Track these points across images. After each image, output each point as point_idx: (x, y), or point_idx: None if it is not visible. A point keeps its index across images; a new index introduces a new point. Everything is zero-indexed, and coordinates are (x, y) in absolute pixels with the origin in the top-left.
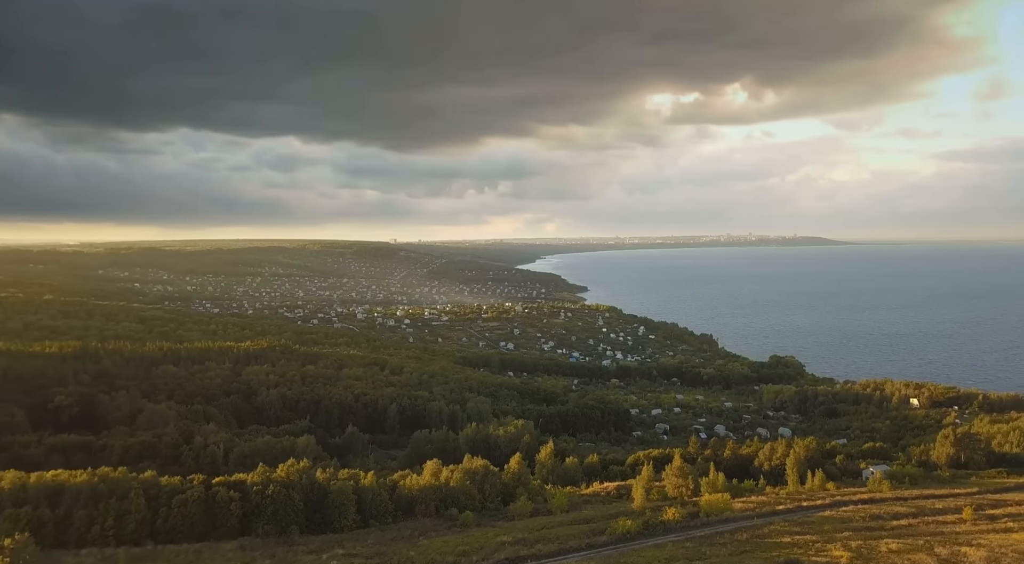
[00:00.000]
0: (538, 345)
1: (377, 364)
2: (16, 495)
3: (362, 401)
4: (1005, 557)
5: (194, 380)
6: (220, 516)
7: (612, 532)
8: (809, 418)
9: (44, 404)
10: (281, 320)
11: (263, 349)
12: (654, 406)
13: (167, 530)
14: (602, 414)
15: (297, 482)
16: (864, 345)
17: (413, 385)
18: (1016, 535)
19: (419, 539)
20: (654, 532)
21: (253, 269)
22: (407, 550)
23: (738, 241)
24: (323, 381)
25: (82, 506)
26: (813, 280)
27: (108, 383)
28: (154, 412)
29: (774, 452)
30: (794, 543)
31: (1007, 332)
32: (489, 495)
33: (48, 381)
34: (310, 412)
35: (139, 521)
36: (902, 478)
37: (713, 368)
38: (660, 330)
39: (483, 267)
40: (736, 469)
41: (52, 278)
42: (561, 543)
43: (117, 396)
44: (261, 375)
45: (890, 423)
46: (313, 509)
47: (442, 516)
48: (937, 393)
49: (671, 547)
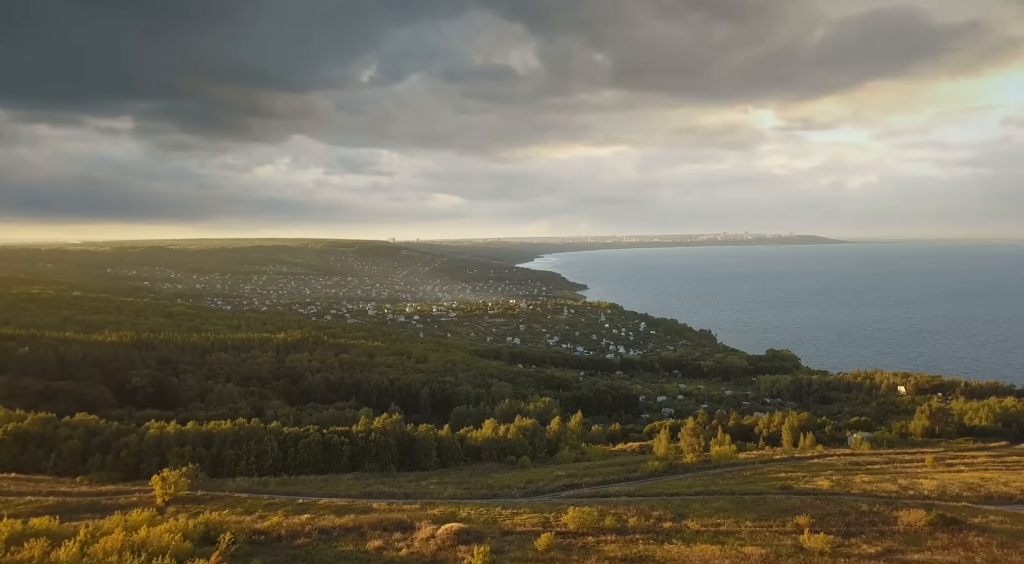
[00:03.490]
0: (543, 340)
1: (402, 354)
2: (179, 438)
3: (396, 385)
4: (952, 486)
5: (246, 366)
6: (334, 456)
7: (643, 470)
8: (803, 404)
9: (122, 385)
10: (297, 316)
11: (299, 340)
12: (659, 394)
13: (295, 465)
14: (613, 399)
15: (392, 431)
16: (859, 340)
17: (439, 372)
18: (964, 474)
19: (490, 474)
20: (676, 471)
21: (258, 267)
22: (484, 480)
23: (734, 239)
24: (359, 368)
25: (229, 447)
26: (809, 278)
27: (171, 368)
28: (223, 391)
29: (772, 421)
30: (788, 477)
31: (998, 326)
32: (538, 446)
33: (121, 365)
34: (351, 394)
35: (274, 458)
36: (881, 442)
37: (713, 361)
38: (660, 326)
39: (484, 265)
40: (739, 435)
41: (65, 276)
42: (604, 476)
43: (185, 378)
44: (303, 362)
45: (877, 406)
46: (404, 453)
47: (503, 461)
48: (923, 381)
49: (691, 479)
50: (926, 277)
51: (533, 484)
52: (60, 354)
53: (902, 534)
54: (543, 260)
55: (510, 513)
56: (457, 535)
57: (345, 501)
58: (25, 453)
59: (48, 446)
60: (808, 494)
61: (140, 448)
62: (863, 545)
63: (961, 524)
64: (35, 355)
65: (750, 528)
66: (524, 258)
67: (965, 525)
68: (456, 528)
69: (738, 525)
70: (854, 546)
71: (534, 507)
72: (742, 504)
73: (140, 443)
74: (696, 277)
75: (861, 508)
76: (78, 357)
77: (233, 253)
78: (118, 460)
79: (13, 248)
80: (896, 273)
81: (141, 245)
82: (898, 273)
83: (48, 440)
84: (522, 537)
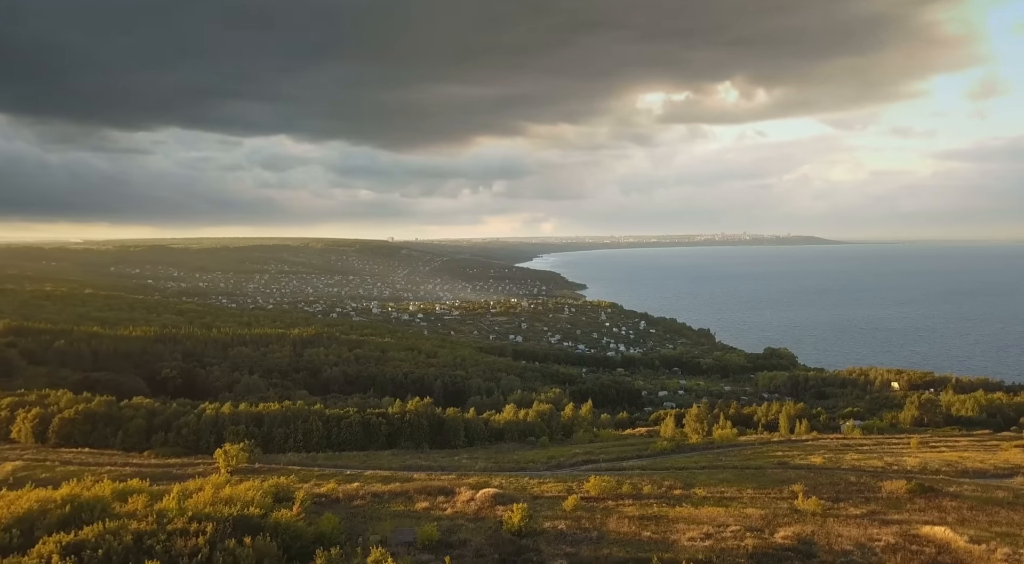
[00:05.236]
0: (545, 338)
1: (412, 349)
2: (233, 418)
3: (410, 378)
4: (932, 463)
5: (267, 359)
6: (373, 434)
7: (653, 449)
8: (800, 399)
9: (153, 376)
10: (304, 314)
11: (313, 335)
12: (660, 389)
13: (338, 443)
14: (617, 392)
15: (424, 413)
16: (856, 339)
17: (449, 366)
18: (945, 454)
19: (514, 452)
20: (683, 450)
21: (260, 266)
22: (510, 456)
23: (732, 240)
24: (373, 362)
25: (278, 426)
26: (807, 278)
27: (197, 360)
28: (250, 381)
29: (770, 410)
30: (784, 455)
31: (994, 325)
32: (555, 429)
33: (150, 358)
34: (368, 387)
35: (319, 436)
36: (871, 429)
37: (712, 359)
38: (660, 325)
39: (483, 265)
40: (739, 422)
41: (71, 274)
42: (618, 454)
43: (212, 370)
44: (320, 356)
45: (870, 400)
46: (435, 432)
47: (523, 441)
48: (915, 377)
49: (697, 456)
50: (923, 277)
51: (555, 459)
52: (93, 347)
53: (885, 500)
54: (542, 260)
55: (537, 482)
56: (494, 498)
57: (388, 472)
58: (94, 431)
59: (115, 425)
60: (802, 469)
61: (199, 427)
62: (850, 508)
63: (937, 492)
64: (71, 348)
65: (751, 495)
66: (523, 258)
67: (941, 493)
68: (492, 492)
69: (740, 493)
70: (842, 509)
71: (557, 478)
72: (743, 476)
73: (198, 422)
74: (695, 277)
75: (850, 479)
76: (110, 350)
77: (235, 252)
78: (179, 437)
79: (17, 246)
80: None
81: (142, 244)
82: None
83: (115, 419)
84: (550, 501)
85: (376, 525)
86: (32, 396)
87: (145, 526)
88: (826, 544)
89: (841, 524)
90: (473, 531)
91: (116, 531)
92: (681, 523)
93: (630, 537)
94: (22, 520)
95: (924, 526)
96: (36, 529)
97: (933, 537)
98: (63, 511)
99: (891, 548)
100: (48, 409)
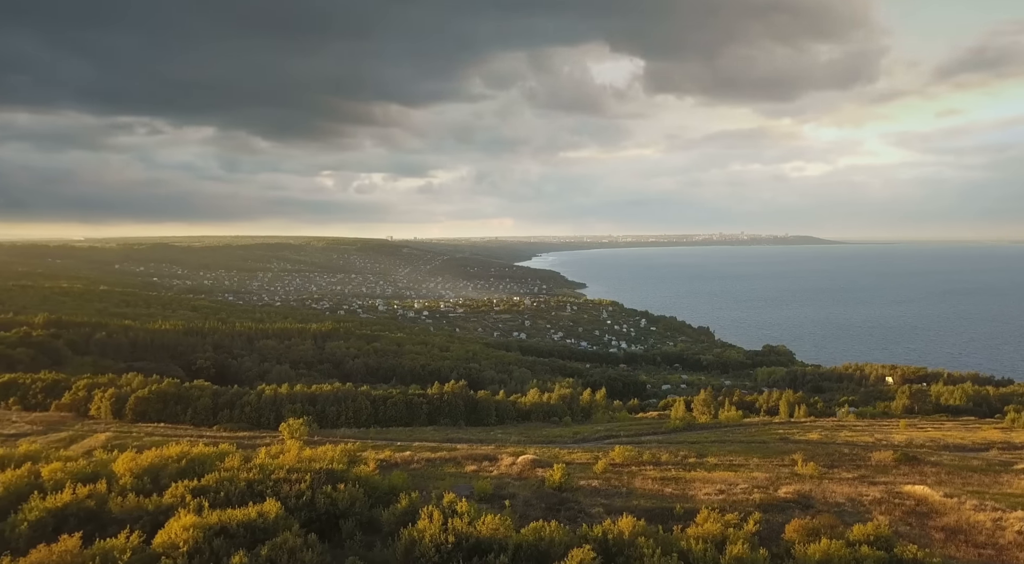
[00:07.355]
0: (548, 335)
1: (425, 344)
2: (290, 398)
3: (427, 370)
4: (918, 439)
5: (291, 352)
6: (415, 412)
7: (666, 427)
8: (798, 392)
9: (188, 366)
10: (311, 311)
11: (331, 330)
12: (663, 383)
13: (384, 420)
14: (623, 385)
15: (460, 394)
16: (853, 336)
17: (463, 359)
18: (930, 431)
19: (541, 428)
20: (693, 429)
21: (263, 265)
22: (539, 432)
23: (730, 239)
24: (391, 355)
25: (331, 405)
26: (806, 277)
27: (227, 352)
28: (281, 371)
29: (771, 397)
30: (785, 433)
31: (989, 324)
32: (575, 411)
33: (184, 349)
34: (389, 378)
35: (368, 414)
36: (864, 414)
37: (712, 355)
38: (660, 323)
39: (484, 263)
40: (742, 408)
41: (78, 271)
42: (636, 431)
43: (243, 361)
44: (342, 349)
45: (865, 393)
46: (470, 411)
47: (548, 420)
48: (909, 372)
49: (706, 433)
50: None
51: (579, 434)
52: (131, 339)
53: (873, 466)
54: (541, 259)
55: (567, 452)
56: (532, 462)
57: (434, 443)
58: (166, 409)
59: (184, 403)
60: (802, 443)
61: (259, 405)
62: (843, 473)
63: (920, 461)
64: (110, 340)
65: (757, 462)
66: (522, 257)
67: (923, 461)
68: (531, 458)
69: (747, 461)
70: (836, 473)
71: (585, 449)
72: (750, 448)
73: (259, 401)
74: (694, 277)
75: (843, 451)
76: (146, 342)
77: (238, 250)
78: (243, 414)
79: (22, 245)
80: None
81: (145, 242)
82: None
83: (183, 398)
84: (582, 466)
85: (436, 482)
86: (104, 379)
87: (253, 476)
88: (822, 498)
89: (835, 484)
90: (520, 487)
91: (230, 478)
92: (697, 482)
93: (655, 492)
94: (148, 470)
95: (907, 485)
96: (161, 478)
97: (913, 493)
98: (179, 465)
99: (877, 501)
100: (122, 390)
